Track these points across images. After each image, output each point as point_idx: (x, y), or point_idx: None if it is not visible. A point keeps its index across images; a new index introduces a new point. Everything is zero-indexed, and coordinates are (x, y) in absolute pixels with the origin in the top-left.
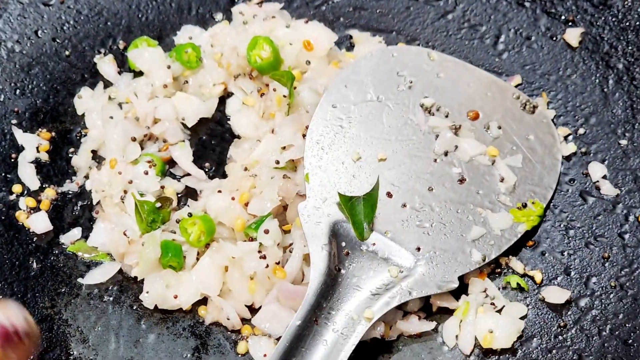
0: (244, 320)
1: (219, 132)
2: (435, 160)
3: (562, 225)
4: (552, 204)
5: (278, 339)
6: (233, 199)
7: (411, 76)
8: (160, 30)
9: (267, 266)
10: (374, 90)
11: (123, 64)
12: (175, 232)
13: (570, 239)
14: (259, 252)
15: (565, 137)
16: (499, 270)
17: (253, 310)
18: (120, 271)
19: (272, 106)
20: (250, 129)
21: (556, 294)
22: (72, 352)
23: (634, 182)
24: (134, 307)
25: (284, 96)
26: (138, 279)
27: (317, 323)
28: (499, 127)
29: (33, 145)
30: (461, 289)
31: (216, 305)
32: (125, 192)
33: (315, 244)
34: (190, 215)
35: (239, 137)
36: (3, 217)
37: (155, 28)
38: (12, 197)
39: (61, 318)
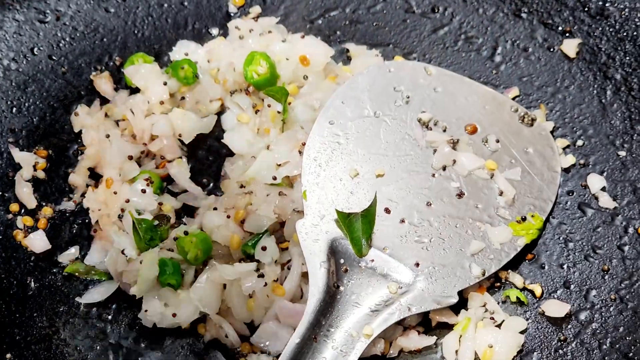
0: (243, 338)
1: (216, 148)
2: (434, 175)
3: (561, 238)
4: (551, 216)
5: (277, 357)
6: (228, 217)
7: (408, 91)
8: (156, 46)
9: (266, 284)
10: (371, 106)
11: (119, 81)
12: (173, 250)
13: (569, 251)
14: (257, 270)
15: (564, 149)
16: (498, 284)
17: (252, 327)
18: (119, 290)
19: (267, 122)
20: (244, 145)
21: (556, 308)
22: None
23: (633, 193)
24: (133, 326)
25: (278, 112)
26: (136, 298)
27: (316, 340)
28: (497, 141)
29: (30, 163)
30: (460, 304)
31: (215, 323)
32: (122, 210)
33: (314, 261)
34: (186, 233)
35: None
36: (0, 237)
37: (152, 44)
38: (10, 216)
39: (60, 337)
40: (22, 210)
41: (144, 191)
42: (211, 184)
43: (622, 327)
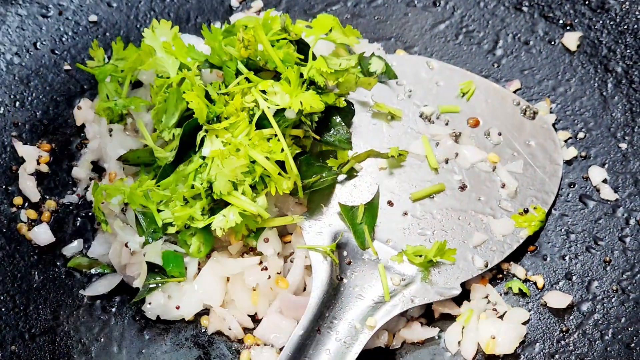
0: (247, 330)
1: None
2: (436, 168)
3: (563, 230)
4: (553, 208)
5: (281, 349)
6: None
7: (411, 85)
8: None
9: (269, 277)
10: (373, 100)
11: None
12: (176, 243)
13: (571, 243)
14: (260, 263)
15: (565, 142)
16: (500, 275)
17: (256, 320)
18: (122, 282)
19: None
20: None
21: (558, 299)
22: None
23: (634, 185)
24: (137, 318)
25: None
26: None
27: (320, 332)
28: (499, 134)
29: (33, 157)
30: (463, 296)
31: (218, 316)
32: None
33: (317, 254)
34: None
35: None
36: (4, 230)
37: None
38: (13, 209)
39: (64, 330)
40: (26, 204)
41: None
42: None
43: (624, 318)
